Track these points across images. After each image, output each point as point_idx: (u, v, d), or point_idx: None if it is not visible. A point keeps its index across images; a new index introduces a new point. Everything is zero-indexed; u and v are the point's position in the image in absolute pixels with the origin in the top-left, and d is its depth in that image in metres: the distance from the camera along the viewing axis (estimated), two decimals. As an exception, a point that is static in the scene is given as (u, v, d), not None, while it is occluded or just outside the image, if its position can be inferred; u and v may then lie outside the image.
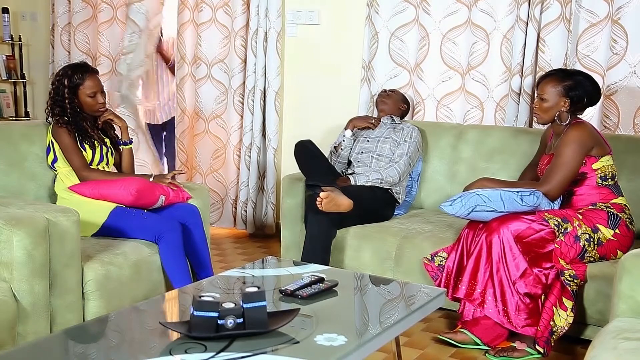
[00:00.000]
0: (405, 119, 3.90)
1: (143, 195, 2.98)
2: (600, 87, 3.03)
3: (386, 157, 3.59)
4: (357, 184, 3.43)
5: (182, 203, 3.15)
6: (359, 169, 3.59)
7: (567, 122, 2.94)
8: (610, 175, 2.90)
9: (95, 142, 3.13)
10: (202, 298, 1.79)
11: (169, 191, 3.09)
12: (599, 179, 2.87)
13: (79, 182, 3.05)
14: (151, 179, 3.13)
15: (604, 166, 2.88)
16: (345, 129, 3.75)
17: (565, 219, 2.78)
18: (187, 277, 2.90)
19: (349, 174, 3.56)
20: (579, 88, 2.91)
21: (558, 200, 2.90)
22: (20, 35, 5.64)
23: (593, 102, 3.00)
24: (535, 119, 3.13)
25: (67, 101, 3.08)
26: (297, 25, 4.48)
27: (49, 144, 3.09)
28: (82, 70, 3.12)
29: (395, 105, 3.79)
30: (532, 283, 2.69)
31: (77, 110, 3.10)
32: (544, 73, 3.16)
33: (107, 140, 3.23)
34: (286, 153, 4.59)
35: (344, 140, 3.71)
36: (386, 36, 4.10)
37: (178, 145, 4.90)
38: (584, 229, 2.78)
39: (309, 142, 3.56)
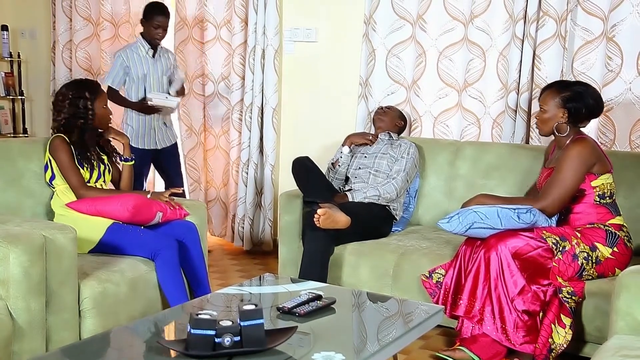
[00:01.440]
0: (403, 135, 3.92)
1: (140, 211, 2.98)
2: (600, 99, 2.97)
3: (383, 173, 3.59)
4: (355, 200, 3.43)
5: (180, 220, 3.15)
6: (357, 185, 3.60)
7: (566, 133, 2.92)
8: (608, 193, 2.88)
9: (94, 160, 3.14)
10: (199, 316, 1.79)
11: (166, 208, 3.09)
12: (596, 197, 2.86)
13: (76, 199, 3.05)
14: (149, 196, 3.13)
15: (603, 184, 2.86)
16: (343, 145, 3.76)
17: (564, 237, 2.78)
18: (183, 295, 2.89)
19: (346, 191, 3.57)
20: (578, 99, 2.88)
21: (555, 216, 2.89)
22: (19, 53, 5.66)
23: (594, 115, 2.96)
24: (537, 130, 3.12)
25: (89, 113, 3.09)
26: (295, 43, 4.51)
27: (46, 162, 3.09)
28: (91, 84, 3.18)
29: (392, 121, 3.80)
30: (530, 300, 2.69)
31: (92, 124, 3.12)
32: (546, 84, 3.14)
33: (105, 157, 3.23)
34: (284, 169, 4.59)
35: (341, 157, 3.72)
36: (383, 53, 4.12)
37: (187, 162, 4.92)
38: (582, 247, 2.77)
39: (307, 158, 3.56)
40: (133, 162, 3.31)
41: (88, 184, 3.09)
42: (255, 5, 4.44)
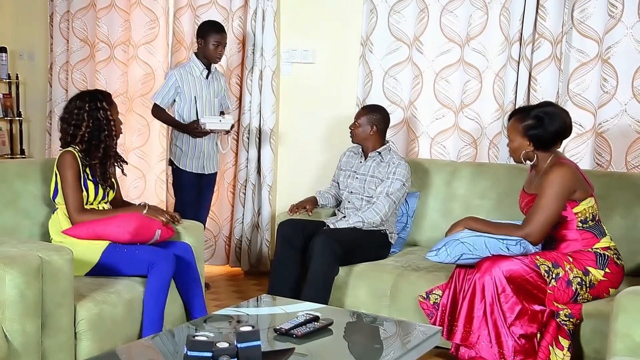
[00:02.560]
0: (398, 150, 3.86)
1: (140, 232, 2.92)
2: (565, 119, 2.86)
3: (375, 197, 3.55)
4: (338, 227, 3.40)
5: (176, 241, 3.12)
6: (349, 211, 3.56)
7: (534, 161, 2.88)
8: (590, 217, 2.82)
9: (108, 176, 3.06)
10: (196, 337, 1.78)
11: (163, 226, 3.04)
12: (579, 223, 2.81)
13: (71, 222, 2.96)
14: (145, 211, 3.05)
15: (584, 209, 2.81)
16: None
17: (556, 264, 2.75)
18: (160, 323, 2.82)
19: (331, 216, 3.57)
20: (538, 127, 2.82)
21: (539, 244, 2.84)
22: (17, 74, 5.69)
23: (561, 137, 2.88)
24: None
25: (112, 123, 3.03)
26: (292, 64, 4.54)
27: (54, 177, 3.00)
28: (104, 93, 3.09)
29: (363, 132, 3.55)
30: (527, 323, 2.67)
31: (115, 134, 3.06)
32: (510, 112, 3.11)
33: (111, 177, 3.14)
34: (281, 190, 4.60)
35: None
36: (380, 74, 4.15)
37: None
38: (575, 272, 2.75)
39: (288, 233, 3.42)
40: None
41: (85, 207, 2.99)
42: (253, 27, 4.48)
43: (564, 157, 2.93)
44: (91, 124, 2.99)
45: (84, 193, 2.99)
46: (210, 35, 4.02)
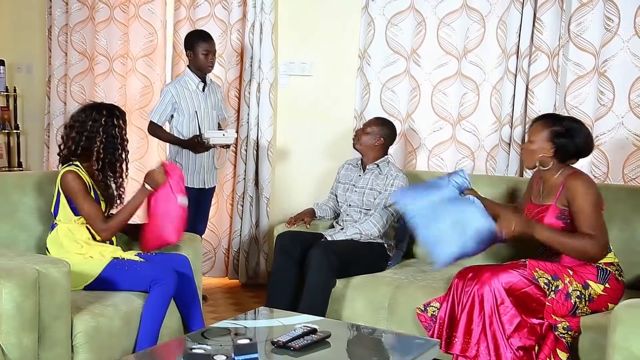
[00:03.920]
0: (396, 162, 3.87)
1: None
2: (589, 138, 2.89)
3: (373, 209, 3.55)
4: (336, 239, 3.39)
5: (174, 253, 3.11)
6: (347, 223, 3.55)
7: (548, 167, 2.87)
8: None
9: (105, 195, 3.02)
10: (193, 350, 1.78)
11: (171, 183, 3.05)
12: None
13: (80, 244, 2.90)
14: (148, 187, 3.01)
15: None
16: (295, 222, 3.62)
17: (556, 276, 2.74)
18: (155, 338, 2.79)
19: (329, 229, 3.57)
20: (567, 136, 2.81)
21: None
22: (15, 87, 5.70)
23: (581, 155, 2.89)
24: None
25: (126, 143, 2.98)
26: (290, 76, 4.55)
27: (56, 194, 2.95)
28: (121, 110, 3.01)
29: (369, 140, 3.55)
30: (526, 335, 2.67)
31: (127, 155, 3.02)
32: (539, 115, 3.12)
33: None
34: (279, 202, 4.60)
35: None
36: (378, 87, 4.16)
37: None
38: (575, 285, 2.73)
39: (287, 246, 3.39)
40: None
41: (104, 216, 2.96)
42: (251, 40, 4.50)
43: (577, 169, 2.92)
44: (104, 140, 2.92)
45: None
46: (198, 45, 3.99)
